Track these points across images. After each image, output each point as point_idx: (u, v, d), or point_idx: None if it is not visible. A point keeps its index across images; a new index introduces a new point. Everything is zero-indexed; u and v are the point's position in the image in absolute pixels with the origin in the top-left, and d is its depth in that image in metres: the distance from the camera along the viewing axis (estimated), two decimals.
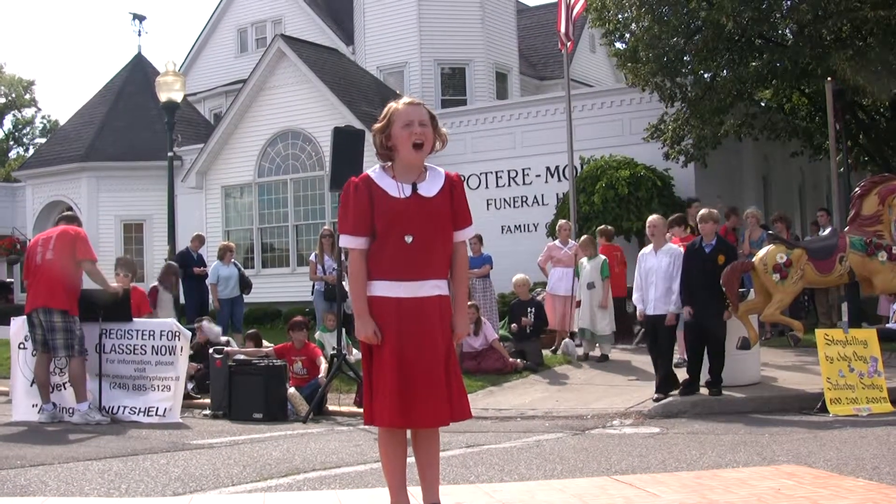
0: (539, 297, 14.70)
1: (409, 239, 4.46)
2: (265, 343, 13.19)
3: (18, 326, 11.13)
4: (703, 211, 11.11)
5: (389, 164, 4.65)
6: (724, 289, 10.69)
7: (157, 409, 10.78)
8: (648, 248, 11.28)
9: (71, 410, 10.59)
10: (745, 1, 15.80)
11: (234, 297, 16.46)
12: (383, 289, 4.50)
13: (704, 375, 10.85)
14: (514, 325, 13.90)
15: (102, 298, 10.89)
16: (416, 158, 4.57)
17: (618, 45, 19.85)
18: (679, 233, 12.48)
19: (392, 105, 4.67)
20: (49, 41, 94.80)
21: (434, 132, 4.62)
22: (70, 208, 23.86)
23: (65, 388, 10.78)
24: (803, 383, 11.19)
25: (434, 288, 4.53)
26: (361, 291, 4.54)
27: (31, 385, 10.83)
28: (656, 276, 10.95)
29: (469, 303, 12.35)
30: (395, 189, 4.54)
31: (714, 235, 10.86)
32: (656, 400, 10.70)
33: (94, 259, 10.77)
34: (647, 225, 11.38)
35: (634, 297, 11.38)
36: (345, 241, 4.58)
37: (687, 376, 10.93)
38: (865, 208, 11.02)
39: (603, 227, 15.57)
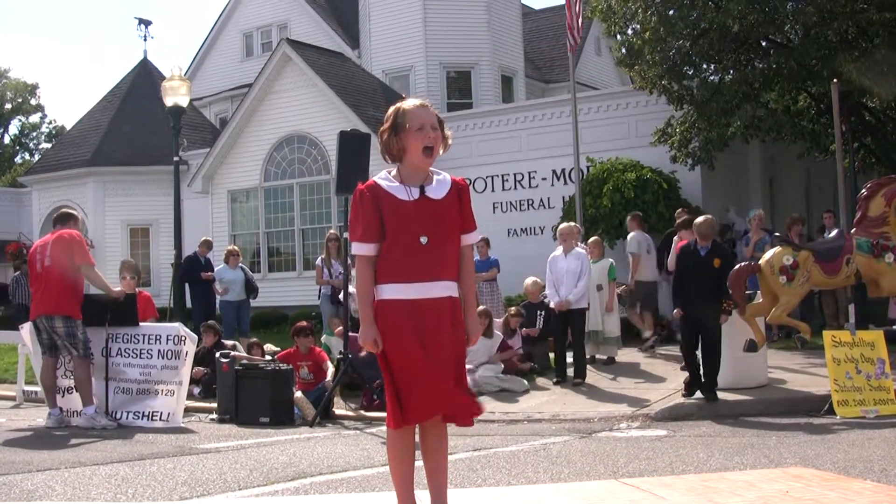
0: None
1: (424, 240, 4.43)
2: (268, 347, 13.20)
3: (27, 332, 11.17)
4: (699, 219, 11.00)
5: (395, 168, 4.63)
6: (730, 291, 10.67)
7: (162, 413, 10.79)
8: (559, 251, 12.73)
9: (77, 413, 10.63)
10: (751, 3, 15.79)
11: (240, 301, 16.31)
12: (395, 291, 4.46)
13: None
14: (523, 330, 13.84)
15: (108, 302, 10.92)
16: (426, 163, 4.55)
17: (619, 38, 19.75)
18: (686, 236, 12.45)
19: (400, 106, 4.60)
20: (54, 46, 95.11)
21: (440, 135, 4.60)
22: (67, 207, 23.83)
23: (73, 392, 10.80)
24: (810, 385, 11.16)
25: (445, 289, 4.50)
26: (367, 299, 4.52)
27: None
28: (567, 276, 12.42)
29: (481, 307, 12.46)
30: (404, 192, 4.50)
31: (710, 240, 10.79)
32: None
33: (92, 263, 10.79)
34: (559, 233, 13.11)
35: (549, 292, 12.80)
36: (355, 248, 4.57)
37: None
38: (872, 210, 11.01)
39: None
